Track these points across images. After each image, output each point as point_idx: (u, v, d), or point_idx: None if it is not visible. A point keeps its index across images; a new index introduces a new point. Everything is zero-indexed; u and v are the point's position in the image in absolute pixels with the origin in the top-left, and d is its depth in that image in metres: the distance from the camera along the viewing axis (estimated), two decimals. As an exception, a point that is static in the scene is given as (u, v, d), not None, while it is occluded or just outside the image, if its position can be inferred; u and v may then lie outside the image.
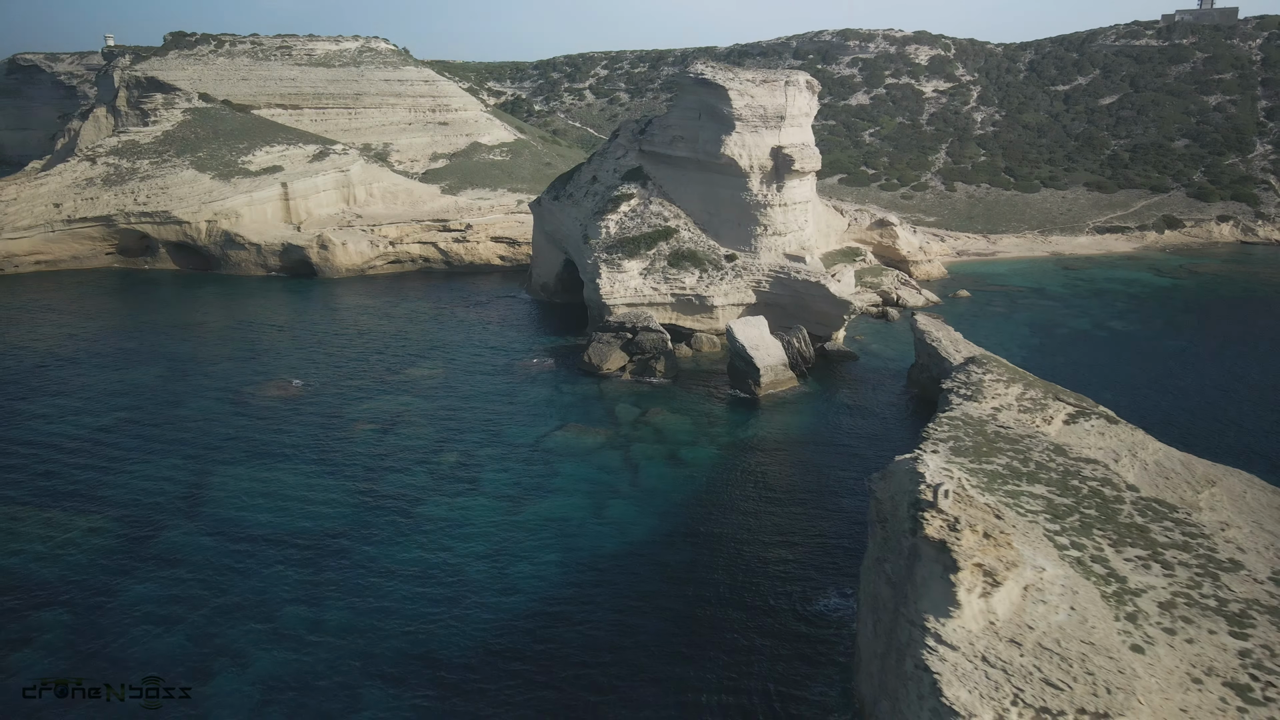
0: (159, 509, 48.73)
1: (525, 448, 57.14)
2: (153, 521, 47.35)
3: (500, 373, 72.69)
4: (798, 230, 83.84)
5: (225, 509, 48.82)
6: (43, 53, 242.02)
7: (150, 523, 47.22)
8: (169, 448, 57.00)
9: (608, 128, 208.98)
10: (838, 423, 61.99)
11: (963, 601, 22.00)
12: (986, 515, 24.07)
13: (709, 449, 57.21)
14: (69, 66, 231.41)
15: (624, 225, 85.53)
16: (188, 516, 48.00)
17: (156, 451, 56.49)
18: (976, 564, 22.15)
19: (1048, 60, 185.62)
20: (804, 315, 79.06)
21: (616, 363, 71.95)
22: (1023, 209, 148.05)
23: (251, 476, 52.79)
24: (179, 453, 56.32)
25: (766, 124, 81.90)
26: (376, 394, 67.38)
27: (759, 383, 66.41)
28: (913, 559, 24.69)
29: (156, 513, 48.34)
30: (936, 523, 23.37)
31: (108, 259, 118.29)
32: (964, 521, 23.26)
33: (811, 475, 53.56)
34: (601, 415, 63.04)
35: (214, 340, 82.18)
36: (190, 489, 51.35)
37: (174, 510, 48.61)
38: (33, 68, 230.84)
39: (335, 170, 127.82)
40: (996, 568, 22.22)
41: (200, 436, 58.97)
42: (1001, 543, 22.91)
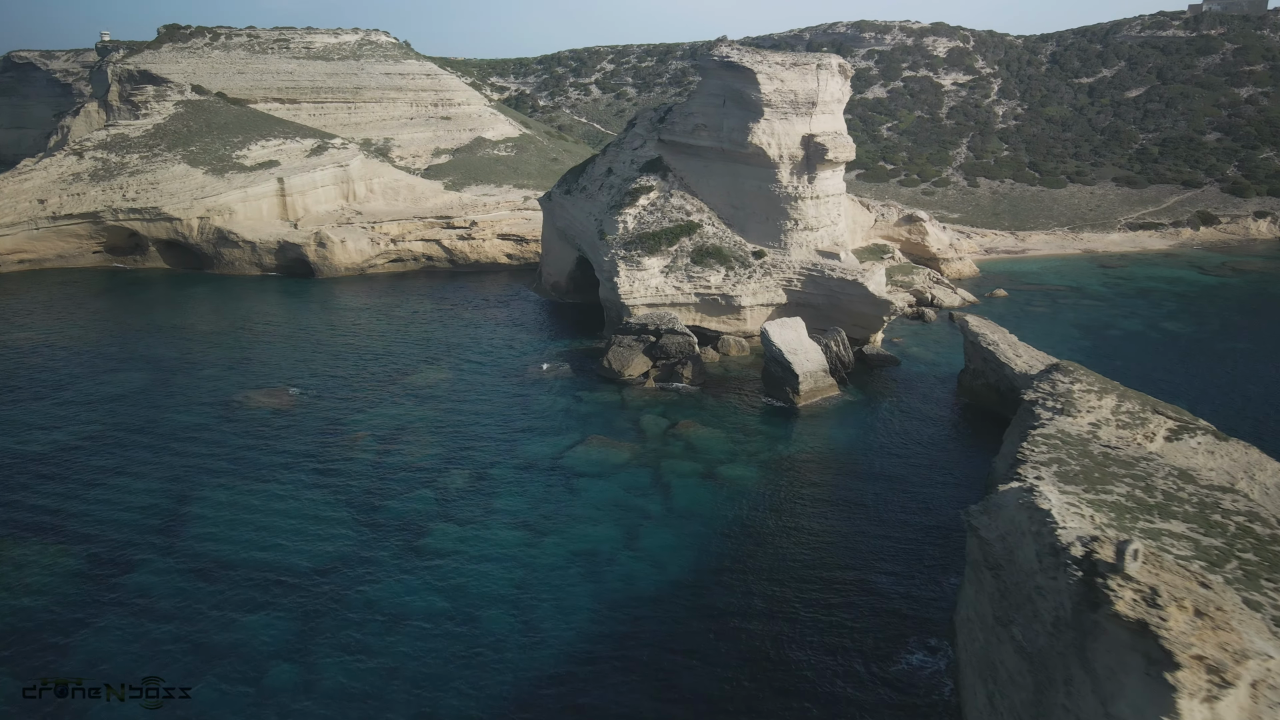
0: (129, 542, 42.75)
1: (543, 465, 51.18)
2: (120, 558, 41.39)
3: (512, 379, 66.75)
4: (830, 225, 77.87)
5: (205, 541, 42.85)
6: (38, 50, 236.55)
7: (117, 560, 41.26)
8: (146, 467, 51.05)
9: (615, 123, 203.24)
10: (888, 436, 56.00)
11: (1184, 711, 16.12)
12: (1191, 584, 18.20)
13: (748, 467, 51.20)
14: (64, 64, 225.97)
15: (643, 220, 79.59)
16: (162, 550, 42.03)
17: (132, 471, 50.54)
18: (1196, 656, 16.32)
19: (1070, 52, 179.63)
20: (838, 317, 73.17)
21: (639, 368, 65.98)
22: (1050, 205, 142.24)
23: (237, 501, 46.84)
24: (157, 472, 50.38)
25: (797, 110, 75.97)
26: (377, 402, 61.47)
27: (797, 390, 60.42)
28: (1084, 637, 18.80)
29: (125, 546, 42.37)
30: (1129, 595, 17.52)
31: (95, 258, 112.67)
32: (1165, 593, 17.41)
33: (867, 498, 47.59)
34: (626, 427, 57.06)
35: (203, 344, 76.28)
36: (167, 517, 45.39)
37: (146, 544, 42.63)
38: (28, 65, 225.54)
39: (334, 165, 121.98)
40: (1223, 661, 16.38)
41: (182, 453, 53.02)
42: (1221, 624, 17.05)
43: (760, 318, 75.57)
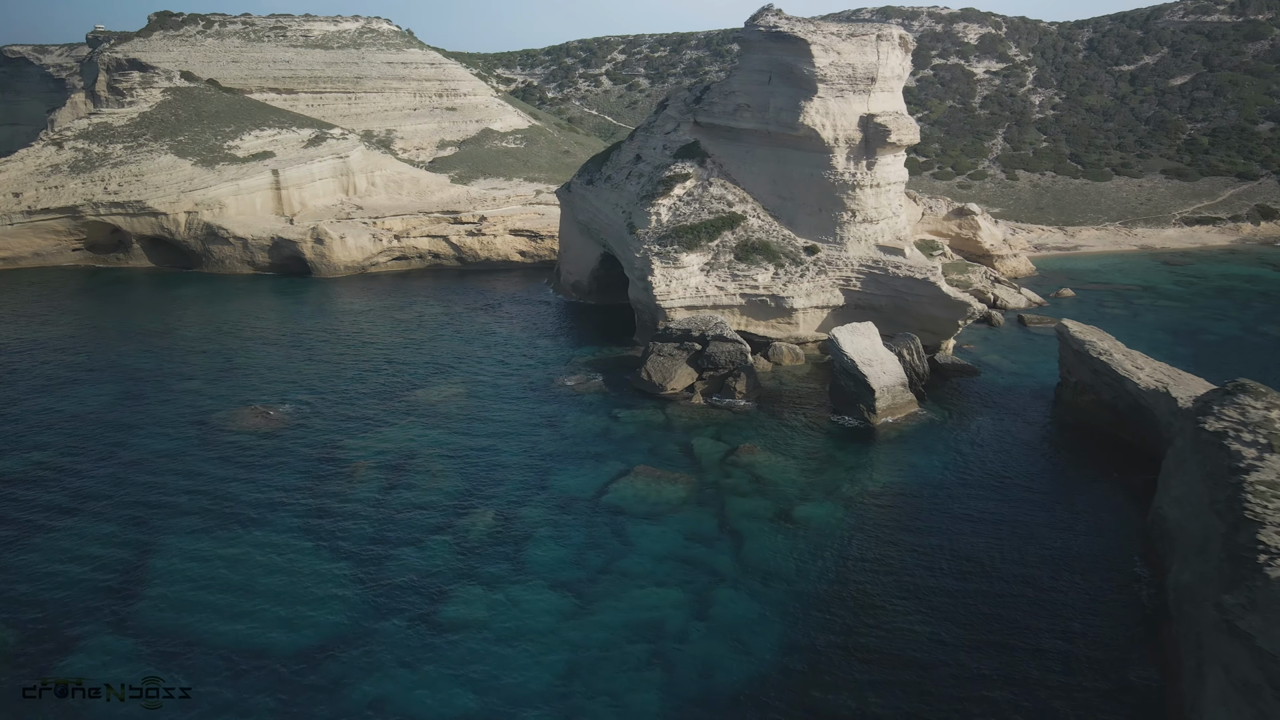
0: (72, 610, 34.07)
1: (582, 503, 42.41)
2: (59, 632, 32.72)
3: (536, 394, 57.98)
4: (891, 216, 69.06)
5: (167, 610, 34.13)
6: (31, 45, 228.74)
7: (55, 634, 32.59)
8: (103, 506, 42.33)
9: (627, 115, 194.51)
10: (987, 465, 47.10)
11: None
12: None
13: (829, 505, 42.39)
14: (58, 59, 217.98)
15: (679, 211, 70.77)
16: (112, 623, 33.31)
17: (85, 511, 41.82)
18: None
19: (1109, 39, 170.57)
20: (904, 321, 64.37)
21: (683, 381, 57.18)
22: (1096, 199, 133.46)
23: (210, 553, 38.12)
24: (115, 513, 41.65)
25: (854, 87, 67.15)
26: (381, 423, 52.73)
27: (873, 408, 51.57)
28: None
29: (67, 616, 33.70)
30: None
31: (75, 256, 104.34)
32: None
33: (981, 548, 38.77)
34: (675, 454, 48.24)
35: (184, 352, 67.58)
36: (123, 574, 36.68)
37: (94, 612, 33.94)
38: (21, 60, 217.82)
39: (333, 157, 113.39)
40: None
41: (148, 488, 44.29)
42: None
43: (814, 321, 66.81)
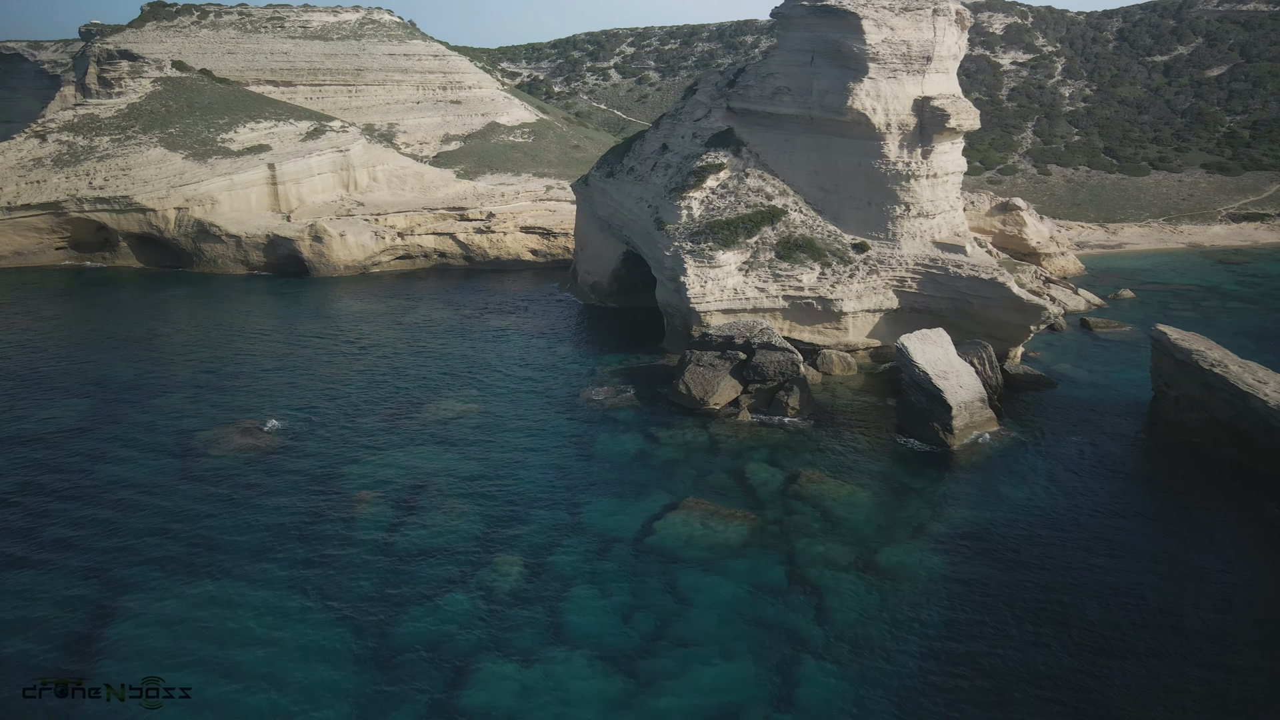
0: (11, 698, 27.60)
1: (624, 546, 35.89)
2: None
3: (560, 410, 51.45)
4: (949, 210, 62.54)
5: (118, 704, 27.58)
6: (25, 41, 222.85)
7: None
8: (61, 554, 35.85)
9: (637, 110, 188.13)
10: (1098, 497, 40.33)
11: None
12: None
13: (918, 550, 35.79)
14: (53, 55, 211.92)
15: (712, 205, 64.26)
16: (55, 716, 26.83)
17: (38, 560, 35.31)
18: None
19: (1140, 28, 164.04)
20: (967, 326, 57.79)
21: (726, 395, 50.63)
22: (1134, 194, 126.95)
23: (182, 613, 31.61)
24: (75, 560, 35.18)
25: (908, 67, 60.64)
26: (386, 445, 46.25)
27: (950, 428, 44.96)
28: None
29: (5, 707, 27.24)
30: None
31: (58, 255, 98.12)
32: None
33: (1125, 610, 32.12)
34: (726, 483, 41.68)
35: (168, 361, 61.12)
36: (74, 643, 30.17)
37: (26, 708, 27.38)
38: (15, 57, 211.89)
39: (332, 150, 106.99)
40: None
41: (116, 527, 37.82)
42: None
43: (865, 327, 60.28)
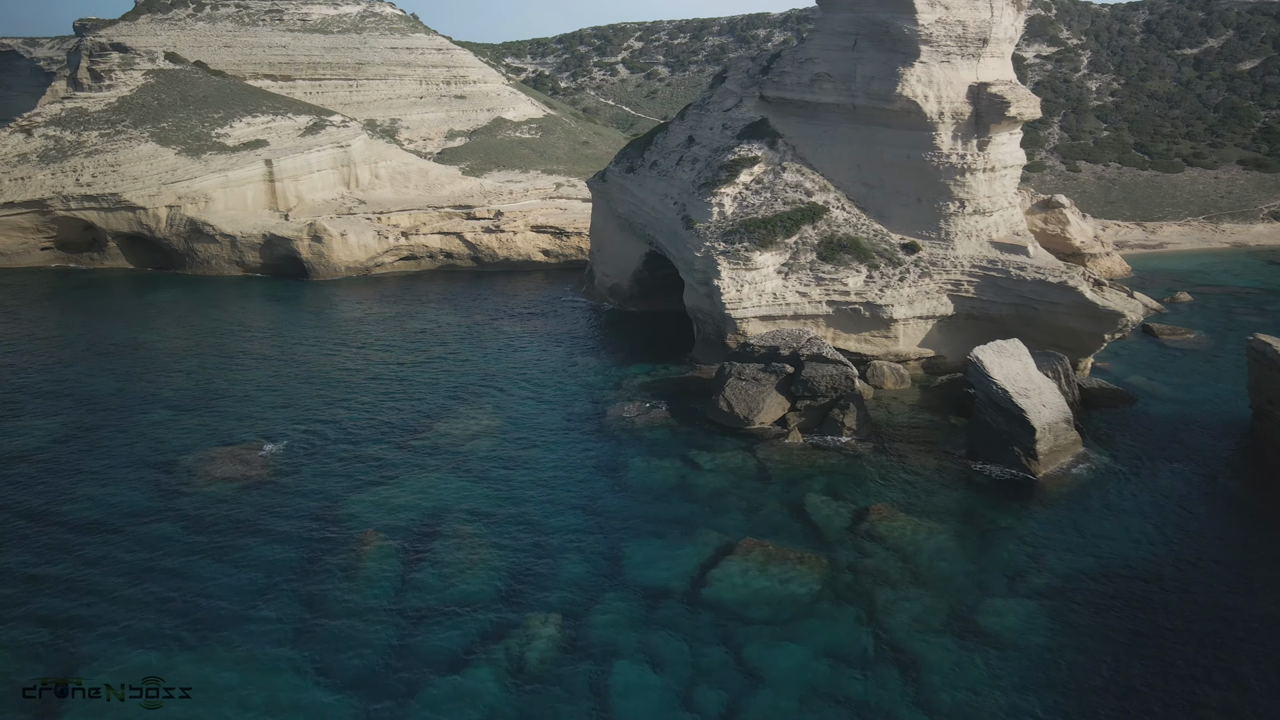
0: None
1: (676, 602, 30.55)
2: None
3: (585, 429, 46.17)
4: (1007, 207, 57.30)
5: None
6: (20, 38, 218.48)
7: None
8: (15, 607, 30.56)
9: (646, 105, 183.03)
10: (1214, 539, 34.93)
11: None
12: None
13: (1022, 606, 30.27)
14: (49, 51, 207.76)
15: (746, 202, 59.01)
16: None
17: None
18: None
19: (1168, 20, 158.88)
20: (1031, 334, 52.28)
21: (773, 412, 45.33)
22: (1170, 192, 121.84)
23: (150, 687, 26.35)
24: (32, 615, 29.97)
25: (963, 50, 55.40)
26: (394, 471, 41.01)
27: (1034, 453, 39.62)
28: None
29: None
30: None
31: (44, 255, 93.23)
32: None
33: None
34: (784, 518, 36.34)
35: (154, 372, 55.91)
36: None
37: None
38: (10, 54, 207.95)
39: (333, 146, 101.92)
40: None
41: (79, 576, 32.58)
42: None
43: (916, 335, 54.99)
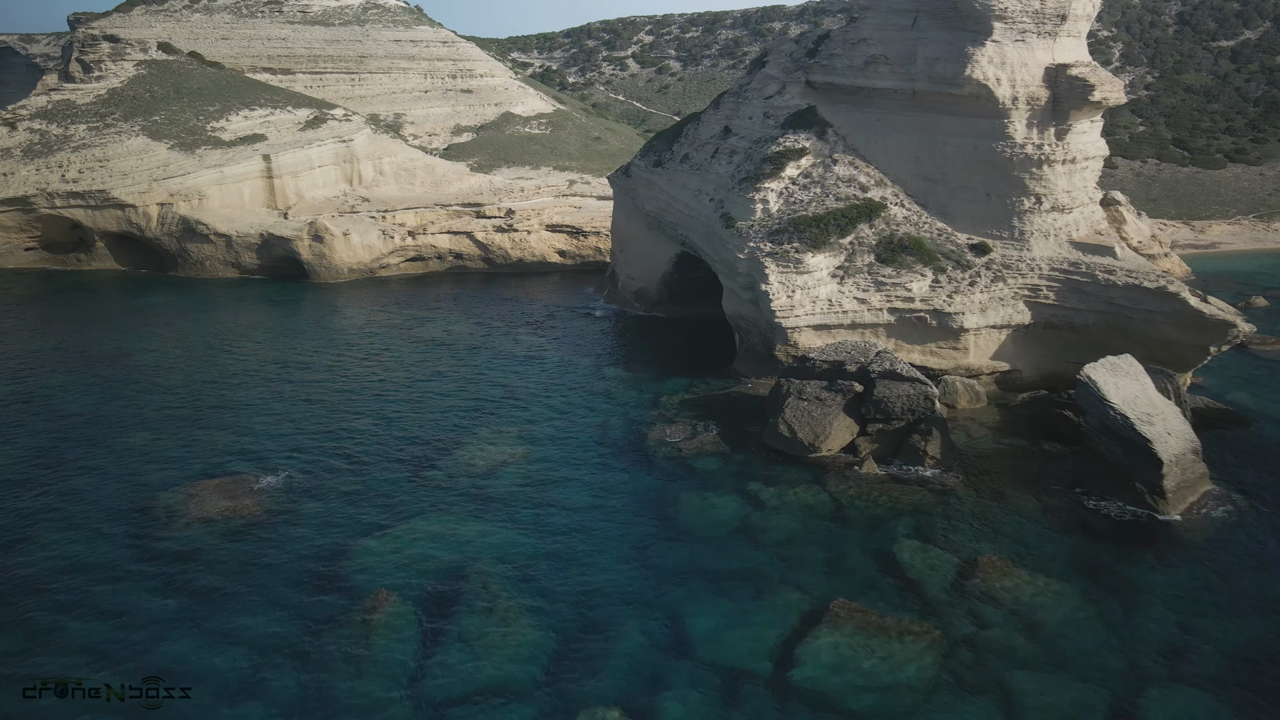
0: None
1: (760, 689, 24.68)
2: None
3: (626, 456, 40.32)
4: (1088, 203, 51.42)
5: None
6: (17, 34, 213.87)
7: None
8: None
9: (657, 100, 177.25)
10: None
11: None
12: None
13: (1191, 695, 24.45)
14: (45, 48, 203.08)
15: (793, 198, 53.16)
16: None
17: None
18: None
19: (1202, 11, 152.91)
20: (1121, 345, 46.35)
21: (841, 438, 39.46)
22: (1214, 189, 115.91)
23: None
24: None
25: (1040, 28, 49.53)
26: (409, 510, 35.19)
27: (1161, 490, 33.72)
28: None
29: None
30: None
31: (28, 256, 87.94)
32: None
33: None
34: (874, 572, 30.47)
35: (137, 388, 50.13)
36: None
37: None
38: (7, 50, 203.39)
39: (335, 140, 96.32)
40: None
41: (30, 648, 26.82)
42: None
43: (989, 346, 49.09)
